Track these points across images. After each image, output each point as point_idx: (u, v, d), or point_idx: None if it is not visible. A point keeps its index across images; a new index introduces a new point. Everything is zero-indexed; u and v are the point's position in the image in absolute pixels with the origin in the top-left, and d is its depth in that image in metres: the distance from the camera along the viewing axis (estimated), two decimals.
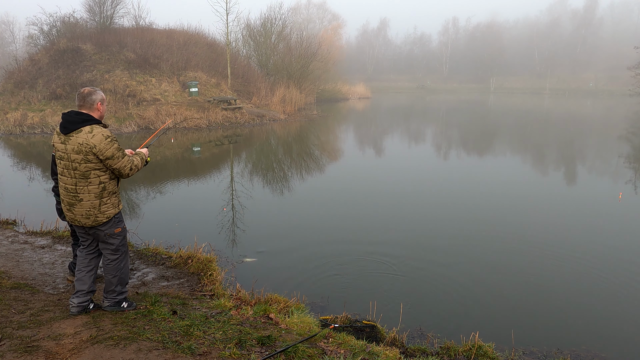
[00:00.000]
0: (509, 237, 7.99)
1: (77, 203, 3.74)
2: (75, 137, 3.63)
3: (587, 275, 6.54)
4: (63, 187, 3.78)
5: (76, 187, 3.70)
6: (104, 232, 3.87)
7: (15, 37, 65.92)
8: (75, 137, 3.63)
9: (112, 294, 4.03)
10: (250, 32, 36.44)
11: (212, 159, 16.56)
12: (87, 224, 3.80)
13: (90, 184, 3.70)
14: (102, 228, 3.84)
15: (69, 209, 3.81)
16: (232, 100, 26.52)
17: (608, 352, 4.69)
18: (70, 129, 3.65)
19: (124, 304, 4.10)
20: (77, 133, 3.63)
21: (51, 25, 30.59)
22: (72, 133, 3.64)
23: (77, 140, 3.62)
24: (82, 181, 3.69)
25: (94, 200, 3.73)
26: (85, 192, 3.71)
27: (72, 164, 3.66)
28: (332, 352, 3.69)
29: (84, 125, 3.65)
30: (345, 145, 20.68)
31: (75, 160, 3.64)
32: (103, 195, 3.76)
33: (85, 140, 3.61)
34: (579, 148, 19.54)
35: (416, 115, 36.44)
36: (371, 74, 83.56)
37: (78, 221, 3.81)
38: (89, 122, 3.69)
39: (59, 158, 3.73)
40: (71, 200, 3.76)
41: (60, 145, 3.70)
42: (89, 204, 3.73)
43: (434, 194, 10.97)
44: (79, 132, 3.64)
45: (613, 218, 9.16)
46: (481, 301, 5.76)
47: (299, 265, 6.68)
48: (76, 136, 3.63)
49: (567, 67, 73.94)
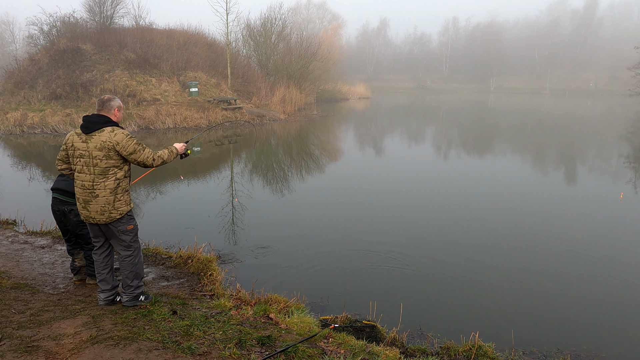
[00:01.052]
0: (509, 237, 7.99)
1: (93, 199, 3.94)
2: (98, 135, 3.90)
3: (587, 275, 6.54)
4: (80, 184, 3.96)
5: (93, 183, 3.92)
6: (117, 229, 4.05)
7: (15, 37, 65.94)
8: (98, 136, 3.89)
9: (130, 289, 4.23)
10: (250, 32, 36.43)
11: (212, 159, 16.57)
12: (101, 220, 3.98)
13: (107, 179, 3.93)
14: (115, 225, 4.03)
15: (84, 206, 3.99)
16: (232, 100, 26.52)
17: (608, 352, 4.69)
18: (93, 128, 3.91)
19: (142, 297, 4.30)
20: (100, 132, 3.91)
21: (51, 25, 30.60)
22: (94, 132, 3.91)
23: (100, 139, 3.88)
24: (100, 177, 3.91)
25: (109, 196, 3.95)
26: (101, 187, 3.92)
27: (93, 161, 3.89)
28: (332, 352, 3.69)
29: (105, 126, 3.93)
30: (345, 145, 20.68)
31: (97, 157, 3.88)
32: (117, 192, 3.98)
33: (108, 138, 3.88)
34: (579, 148, 19.54)
35: (416, 115, 36.45)
36: (371, 74, 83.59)
37: (93, 218, 3.99)
38: (109, 123, 3.97)
39: (79, 156, 3.93)
40: (87, 197, 3.96)
41: (82, 144, 3.92)
42: (104, 200, 3.94)
43: (434, 195, 10.97)
44: (101, 131, 3.91)
45: (614, 218, 9.15)
46: (481, 301, 5.76)
47: (299, 265, 6.68)
48: (99, 135, 3.90)
49: (567, 67, 73.96)
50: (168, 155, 4.19)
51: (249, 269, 6.51)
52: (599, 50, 74.16)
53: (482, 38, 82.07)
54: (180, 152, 4.36)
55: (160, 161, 4.11)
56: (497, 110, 41.41)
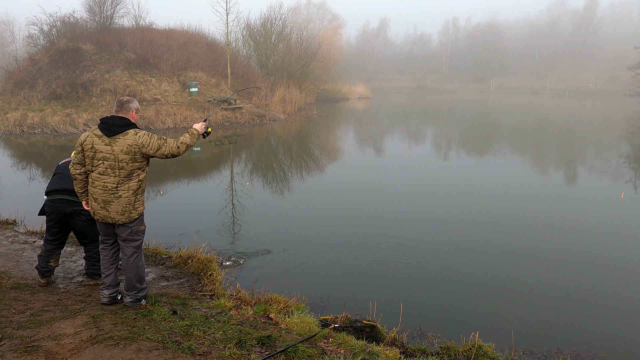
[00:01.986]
0: (509, 237, 7.99)
1: (115, 200, 3.97)
2: (123, 139, 3.90)
3: (587, 275, 6.54)
4: (101, 185, 3.97)
5: (117, 185, 3.95)
6: (132, 229, 4.09)
7: (15, 37, 65.91)
8: (123, 139, 3.90)
9: (133, 291, 4.26)
10: (250, 32, 36.43)
11: (212, 159, 16.57)
12: (120, 220, 4.02)
13: (131, 181, 3.99)
14: (131, 225, 4.08)
15: (103, 206, 4.00)
16: (232, 100, 26.52)
17: (608, 352, 4.69)
18: (116, 131, 3.91)
19: (143, 301, 4.32)
20: (124, 136, 3.91)
21: (51, 25, 30.61)
22: (118, 135, 3.90)
23: (125, 142, 3.89)
24: (125, 179, 3.96)
25: (131, 196, 4.00)
26: (125, 189, 3.97)
27: (120, 164, 3.91)
28: (332, 352, 3.69)
29: (128, 129, 3.94)
30: (345, 145, 20.68)
31: (123, 160, 3.90)
32: (138, 193, 4.06)
33: (134, 141, 3.90)
34: (579, 148, 19.54)
35: (416, 115, 36.45)
36: (371, 74, 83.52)
37: (112, 218, 4.02)
38: (131, 126, 3.98)
39: (102, 159, 3.91)
40: (108, 198, 3.97)
41: (105, 147, 3.91)
42: (125, 201, 3.98)
43: (434, 195, 10.97)
44: (125, 134, 3.91)
45: (615, 218, 9.15)
46: (481, 301, 5.75)
47: (299, 265, 6.67)
48: (123, 138, 3.90)
49: (567, 67, 73.93)
50: (190, 138, 4.14)
51: (249, 269, 6.51)
52: (599, 50, 74.12)
53: (482, 38, 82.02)
54: (201, 132, 4.34)
55: (185, 147, 4.08)
56: (497, 110, 41.40)
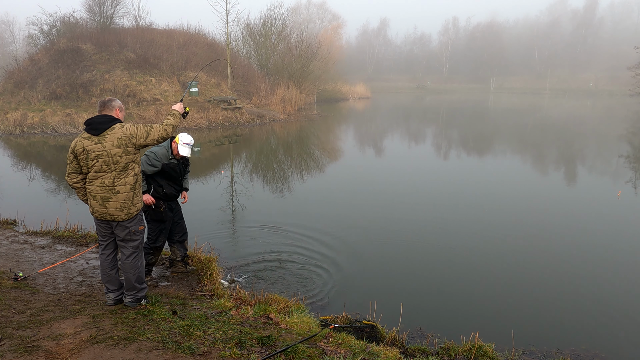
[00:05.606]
0: (508, 237, 7.99)
1: (113, 196, 4.01)
2: (111, 134, 3.96)
3: (587, 275, 6.54)
4: (99, 183, 4.00)
5: (114, 180, 4.00)
6: (130, 229, 4.12)
7: (15, 37, 65.98)
8: (111, 134, 3.96)
9: (133, 291, 4.27)
10: (250, 32, 36.42)
11: (212, 159, 16.57)
12: (120, 217, 4.06)
13: (127, 175, 4.05)
14: (129, 224, 4.11)
15: (102, 204, 4.03)
16: (232, 100, 26.52)
17: (608, 352, 4.69)
18: (102, 128, 3.96)
19: (143, 301, 4.33)
20: (111, 131, 3.97)
21: (51, 25, 30.61)
22: (105, 132, 3.96)
23: (114, 136, 3.95)
24: (121, 174, 4.01)
25: (129, 192, 4.06)
26: (122, 184, 4.03)
27: (113, 159, 3.96)
28: (332, 352, 3.69)
29: (113, 124, 4.00)
30: (345, 145, 20.67)
31: (117, 154, 3.96)
32: (135, 187, 4.12)
33: (122, 133, 3.97)
34: (579, 148, 19.54)
35: (416, 115, 36.45)
36: (371, 74, 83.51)
37: (111, 215, 4.05)
38: (115, 121, 4.04)
39: (95, 157, 3.95)
40: (106, 195, 4.01)
41: (96, 145, 3.94)
42: (124, 196, 4.04)
43: (434, 194, 10.97)
44: (112, 129, 3.97)
45: (613, 218, 9.15)
46: (481, 301, 5.75)
47: (299, 265, 6.67)
48: (111, 134, 3.96)
49: (567, 67, 73.93)
50: (173, 119, 4.26)
51: (249, 268, 6.51)
52: (599, 50, 74.14)
53: (482, 38, 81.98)
54: (181, 112, 4.42)
55: (171, 128, 4.20)
56: (497, 110, 41.40)
